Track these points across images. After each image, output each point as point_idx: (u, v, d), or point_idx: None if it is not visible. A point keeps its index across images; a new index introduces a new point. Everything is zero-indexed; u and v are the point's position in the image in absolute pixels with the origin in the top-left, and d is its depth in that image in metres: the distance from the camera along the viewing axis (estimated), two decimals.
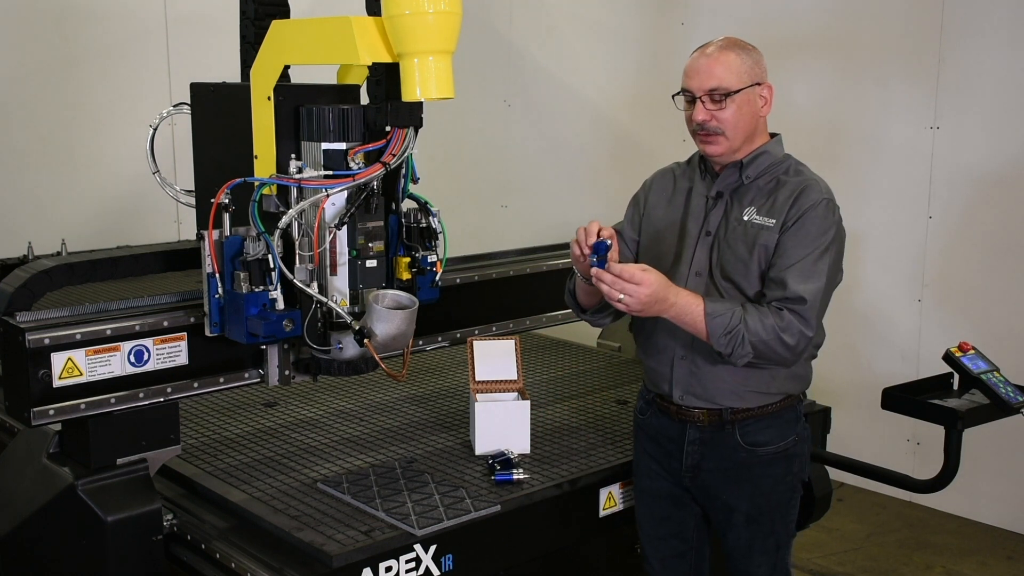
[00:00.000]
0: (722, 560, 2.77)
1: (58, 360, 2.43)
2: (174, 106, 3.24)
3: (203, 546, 2.56)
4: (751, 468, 2.61)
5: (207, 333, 2.56)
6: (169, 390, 2.61)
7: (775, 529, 2.66)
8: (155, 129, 3.26)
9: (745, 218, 2.55)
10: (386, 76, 2.58)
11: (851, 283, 2.76)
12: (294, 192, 2.52)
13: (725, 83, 2.49)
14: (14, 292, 2.68)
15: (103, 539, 2.46)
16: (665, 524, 2.78)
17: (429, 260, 2.71)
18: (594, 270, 2.39)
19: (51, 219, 5.34)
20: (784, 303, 2.44)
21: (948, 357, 3.11)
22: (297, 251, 2.51)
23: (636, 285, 2.37)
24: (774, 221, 2.51)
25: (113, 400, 2.52)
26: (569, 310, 3.55)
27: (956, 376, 3.17)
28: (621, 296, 2.37)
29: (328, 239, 2.52)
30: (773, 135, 2.64)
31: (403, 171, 2.65)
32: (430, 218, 2.70)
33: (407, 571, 2.49)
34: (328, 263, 2.54)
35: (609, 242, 2.40)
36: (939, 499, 4.36)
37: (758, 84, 2.54)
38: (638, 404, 2.82)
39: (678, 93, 2.58)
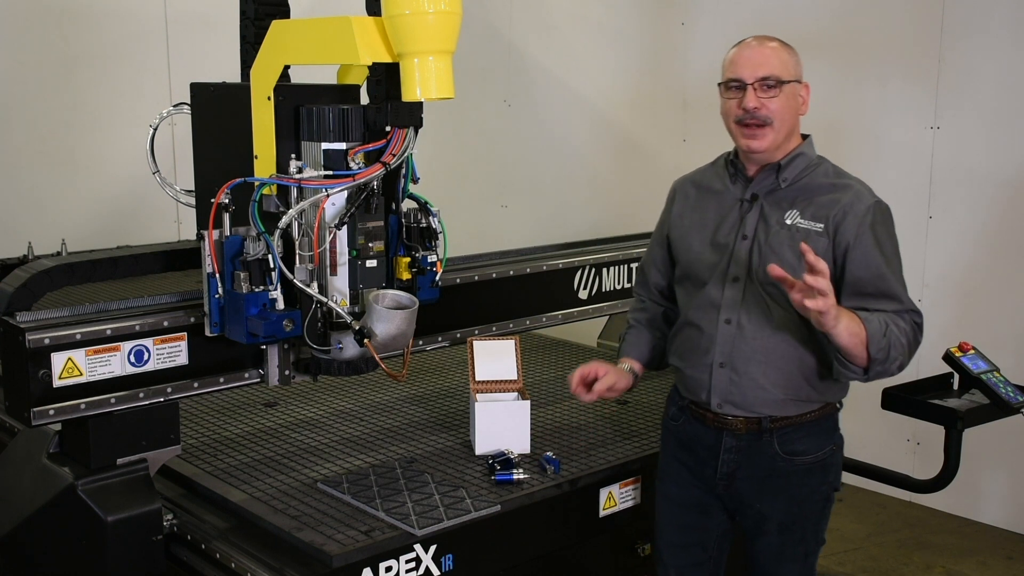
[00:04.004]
0: (739, 570, 2.76)
1: (58, 360, 2.43)
2: (174, 106, 3.24)
3: (203, 546, 2.56)
4: (787, 477, 2.57)
5: (207, 333, 2.56)
6: (169, 390, 2.61)
7: (806, 537, 2.63)
8: (155, 129, 3.26)
9: (788, 222, 2.50)
10: (386, 76, 2.58)
11: None
12: (294, 192, 2.52)
13: (777, 72, 2.49)
14: (14, 292, 2.68)
15: (103, 539, 2.46)
16: (689, 532, 2.74)
17: (429, 260, 2.71)
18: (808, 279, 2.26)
19: (51, 219, 5.34)
20: (902, 314, 2.45)
21: (948, 357, 3.12)
22: (297, 251, 2.51)
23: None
24: (822, 226, 2.47)
25: (113, 400, 2.52)
26: (569, 309, 3.58)
27: (956, 376, 3.17)
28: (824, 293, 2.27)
29: (328, 239, 2.52)
30: (804, 136, 2.62)
31: (403, 171, 2.65)
32: (430, 218, 2.70)
33: (407, 571, 2.49)
34: (328, 263, 2.54)
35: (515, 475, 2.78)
36: (939, 499, 4.37)
37: (799, 82, 2.54)
38: (669, 411, 2.77)
39: (722, 83, 2.56)
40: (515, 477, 2.78)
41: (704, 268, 2.61)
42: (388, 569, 2.46)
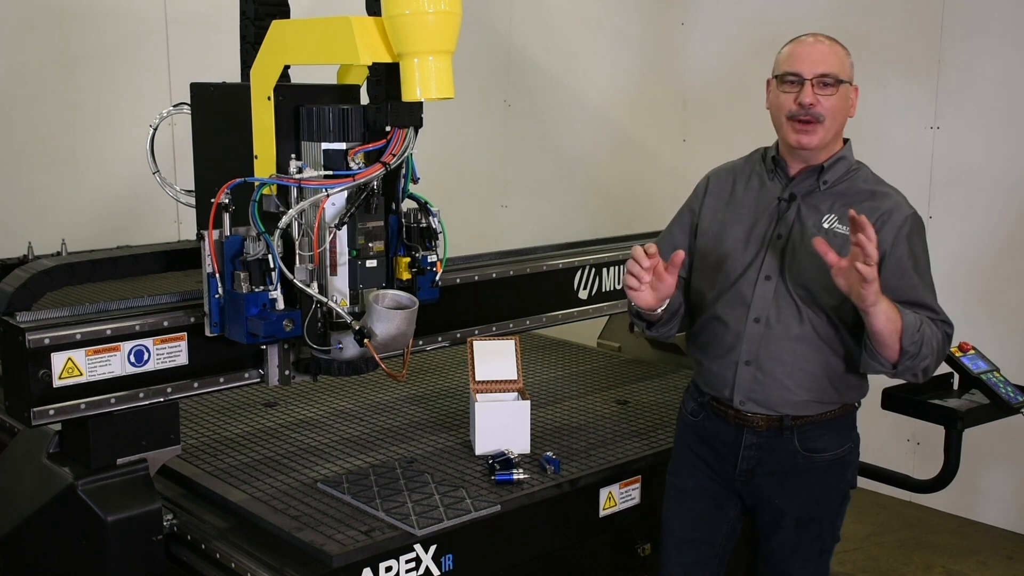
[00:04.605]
0: (740, 571, 2.75)
1: (58, 360, 2.43)
2: (174, 106, 3.24)
3: (203, 546, 2.56)
4: (806, 474, 2.58)
5: (207, 333, 2.56)
6: (169, 390, 2.61)
7: (822, 534, 2.64)
8: (155, 129, 3.26)
9: (825, 226, 2.50)
10: (386, 76, 2.58)
11: None
12: (294, 192, 2.52)
13: (835, 70, 2.49)
14: (14, 292, 2.68)
15: (103, 539, 2.46)
16: (699, 527, 2.73)
17: (429, 260, 2.71)
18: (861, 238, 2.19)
19: (51, 219, 5.33)
20: (936, 322, 2.45)
21: (948, 357, 3.12)
22: (297, 251, 2.51)
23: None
24: None
25: (113, 400, 2.52)
26: (569, 309, 3.58)
27: (956, 376, 3.17)
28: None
29: (328, 239, 2.52)
30: (844, 140, 2.62)
31: (403, 171, 2.65)
32: (430, 218, 2.70)
33: (407, 571, 2.49)
34: (328, 263, 2.54)
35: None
36: (939, 499, 4.36)
37: (850, 83, 2.54)
38: (688, 405, 2.75)
39: (775, 78, 2.55)
40: (515, 477, 2.78)
41: (736, 264, 2.58)
42: (388, 569, 2.46)
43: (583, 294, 3.62)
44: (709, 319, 2.63)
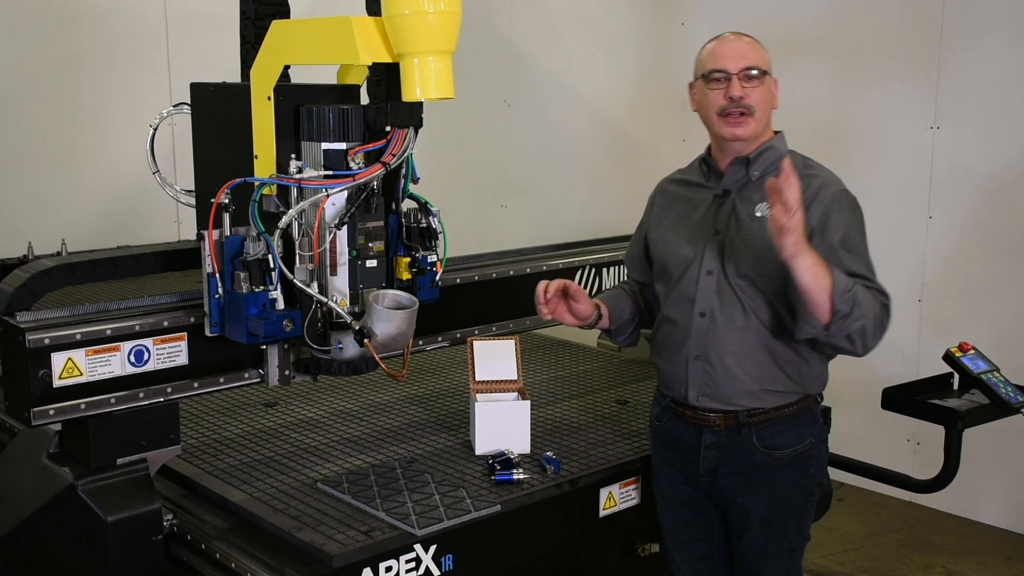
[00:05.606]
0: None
1: (58, 360, 2.43)
2: (174, 106, 3.24)
3: (203, 546, 2.56)
4: (768, 472, 2.59)
5: (207, 333, 2.56)
6: (169, 390, 2.61)
7: (789, 533, 2.65)
8: (155, 129, 3.26)
9: (758, 214, 2.54)
10: (386, 76, 2.58)
11: None
12: (294, 192, 2.52)
13: (757, 63, 2.55)
14: (14, 292, 2.68)
15: (103, 539, 2.46)
16: (691, 529, 2.76)
17: (429, 260, 2.72)
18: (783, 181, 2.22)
19: (51, 219, 5.34)
20: (871, 289, 2.44)
21: (948, 357, 3.12)
22: (297, 251, 2.51)
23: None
24: None
25: (113, 400, 2.52)
26: None
27: (956, 376, 3.17)
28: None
29: (328, 239, 2.52)
30: (776, 132, 2.65)
31: (403, 171, 2.65)
32: (430, 218, 2.70)
33: (407, 571, 2.49)
34: (328, 263, 2.54)
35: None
36: (939, 499, 4.36)
37: (771, 75, 2.59)
38: (654, 411, 2.80)
39: (700, 78, 2.59)
40: (515, 477, 2.78)
41: (679, 263, 2.64)
42: (388, 569, 2.46)
43: None
44: (661, 321, 2.70)
